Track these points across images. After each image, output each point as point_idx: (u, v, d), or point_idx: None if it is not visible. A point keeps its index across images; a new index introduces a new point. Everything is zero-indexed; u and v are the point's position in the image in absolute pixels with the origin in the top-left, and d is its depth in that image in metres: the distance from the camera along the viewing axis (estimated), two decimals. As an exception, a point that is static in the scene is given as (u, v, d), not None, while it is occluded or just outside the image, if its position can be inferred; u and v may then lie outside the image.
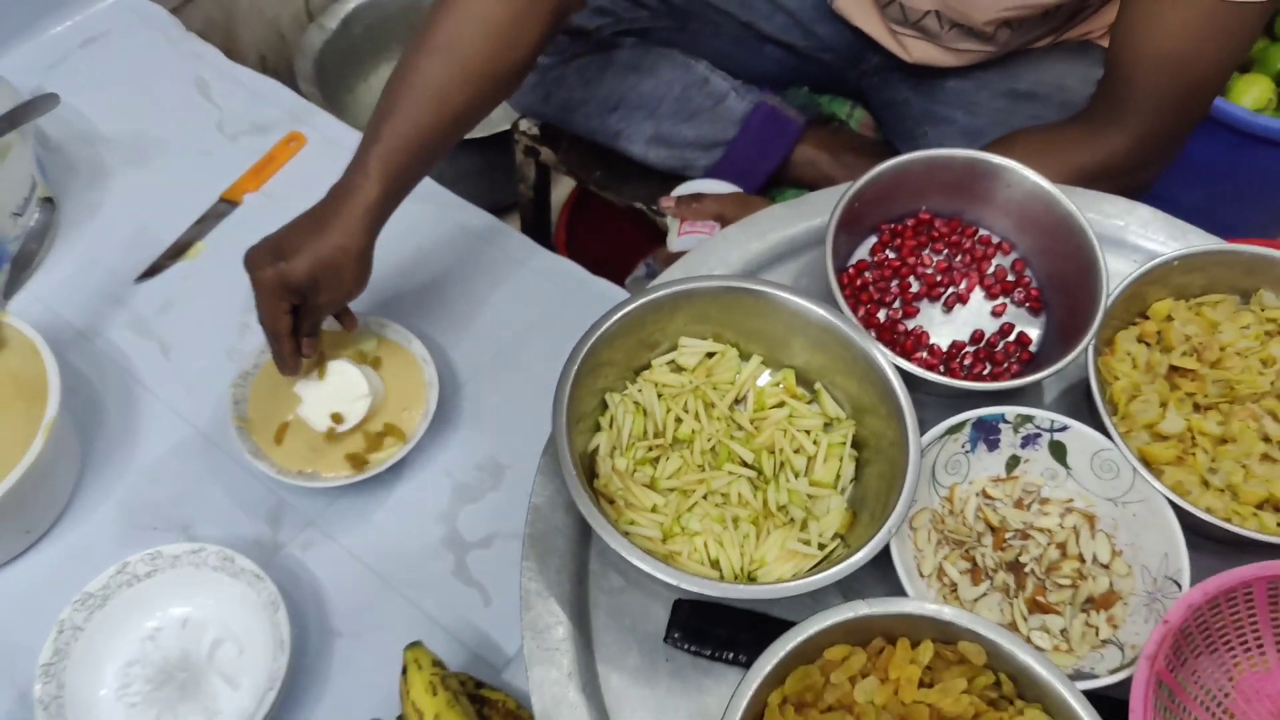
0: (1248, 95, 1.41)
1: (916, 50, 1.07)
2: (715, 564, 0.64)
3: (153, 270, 1.08)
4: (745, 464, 0.68)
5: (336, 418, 0.91)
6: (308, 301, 0.84)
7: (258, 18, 1.62)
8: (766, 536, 0.65)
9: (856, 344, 0.67)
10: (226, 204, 1.13)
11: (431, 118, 0.81)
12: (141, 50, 1.30)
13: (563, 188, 1.57)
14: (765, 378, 0.72)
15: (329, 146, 1.20)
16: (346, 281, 0.83)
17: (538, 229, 1.49)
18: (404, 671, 0.75)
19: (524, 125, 1.28)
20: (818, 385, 0.71)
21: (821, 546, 0.65)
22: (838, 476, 0.68)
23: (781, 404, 0.70)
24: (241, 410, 0.94)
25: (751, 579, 0.64)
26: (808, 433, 0.69)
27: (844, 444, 0.69)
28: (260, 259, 0.81)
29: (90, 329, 1.04)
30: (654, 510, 0.65)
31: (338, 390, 0.92)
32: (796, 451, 0.68)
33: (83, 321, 1.04)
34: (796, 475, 0.68)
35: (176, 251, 1.09)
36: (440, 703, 0.72)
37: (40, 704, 0.78)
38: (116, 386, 1.00)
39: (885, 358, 0.66)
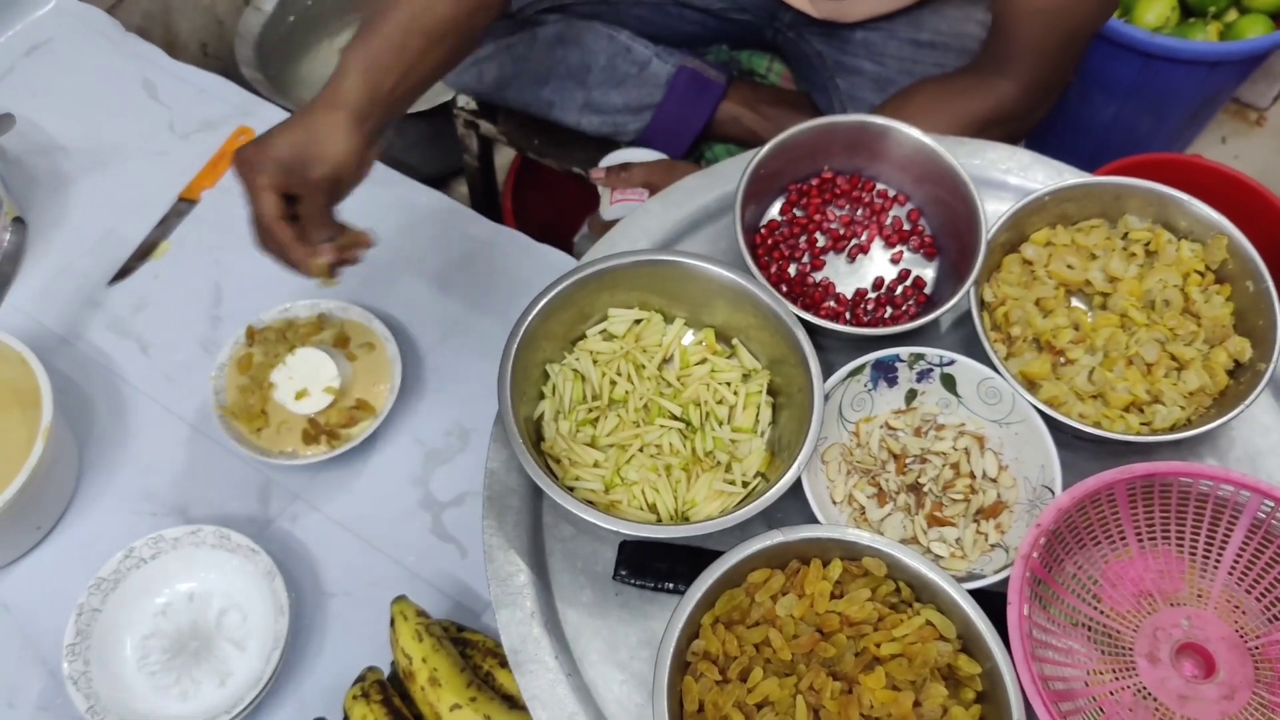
0: (1150, 12, 1.48)
1: (823, 8, 1.13)
2: (653, 508, 0.73)
3: (124, 272, 1.15)
4: (674, 417, 0.76)
5: (303, 395, 0.99)
6: (302, 183, 0.80)
7: (194, 6, 1.65)
8: (696, 480, 0.74)
9: (765, 302, 0.76)
10: (186, 203, 1.19)
11: (415, 32, 0.82)
12: (85, 55, 1.34)
13: (506, 154, 1.63)
14: (689, 338, 0.80)
15: (278, 137, 1.25)
16: (336, 149, 0.79)
17: (486, 194, 1.55)
18: (392, 623, 0.84)
19: (462, 101, 1.34)
20: (735, 341, 0.79)
21: (745, 484, 0.74)
22: (756, 421, 0.77)
23: (704, 360, 0.79)
24: (221, 399, 1.01)
25: (685, 519, 0.73)
26: (728, 384, 0.77)
27: (760, 392, 0.77)
28: (244, 146, 0.81)
29: (71, 334, 1.11)
30: (595, 465, 0.74)
31: (308, 375, 0.99)
32: (719, 402, 0.77)
33: (63, 327, 1.11)
34: (720, 424, 0.76)
35: (144, 252, 1.16)
36: (426, 648, 0.81)
37: (70, 680, 0.87)
38: (103, 386, 1.07)
39: (790, 313, 0.75)
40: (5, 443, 0.95)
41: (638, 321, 0.80)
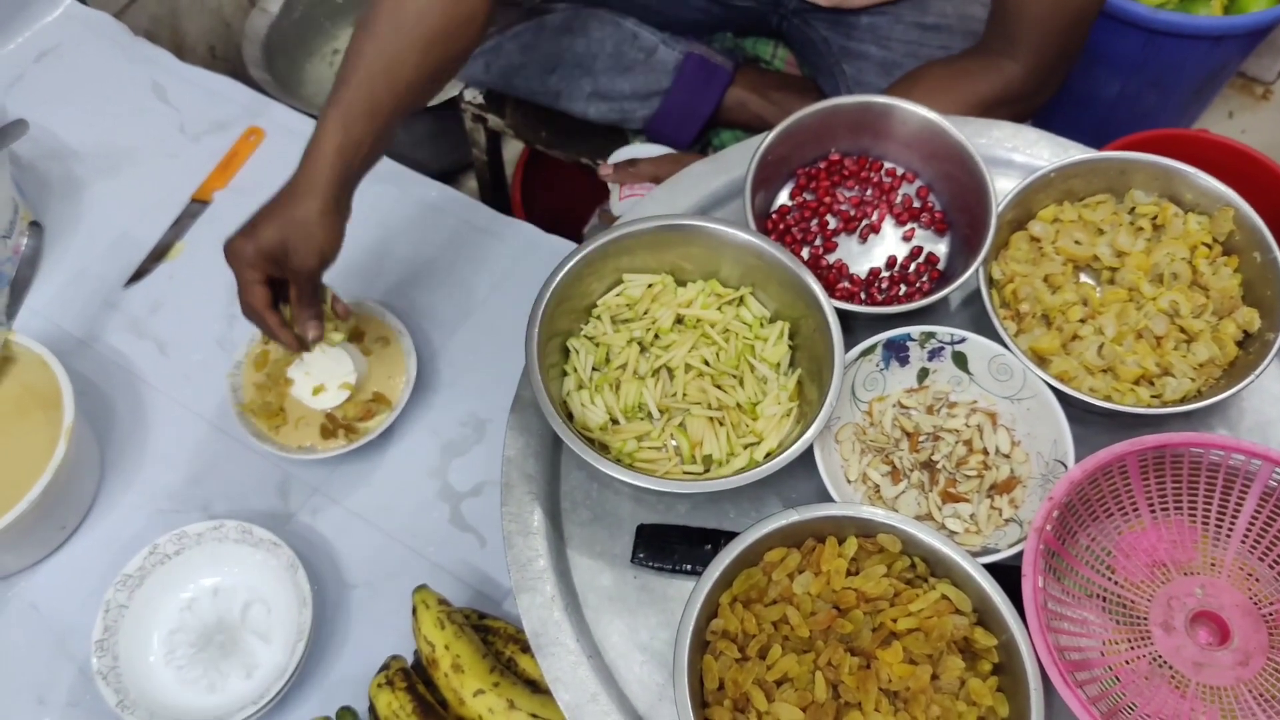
0: (1154, -12, 1.47)
1: None
2: (706, 459, 0.74)
3: (139, 274, 1.16)
4: (707, 363, 0.77)
5: (320, 391, 1.00)
6: (289, 271, 0.85)
7: (201, 9, 1.66)
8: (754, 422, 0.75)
9: (778, 259, 0.76)
10: (198, 204, 1.20)
11: (384, 89, 0.84)
12: (95, 60, 1.36)
13: (515, 147, 1.64)
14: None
15: (288, 137, 1.27)
16: (316, 241, 0.84)
17: (495, 188, 1.56)
18: (414, 612, 0.85)
19: (469, 95, 1.34)
20: (742, 290, 0.80)
21: (769, 454, 0.74)
22: (779, 365, 0.78)
23: (721, 309, 0.80)
24: (240, 396, 1.03)
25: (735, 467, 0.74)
26: (748, 325, 0.79)
27: (784, 335, 0.78)
28: (232, 238, 0.85)
29: (89, 336, 1.12)
30: (642, 418, 0.76)
31: (325, 370, 1.00)
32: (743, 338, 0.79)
33: (81, 330, 1.12)
34: (755, 357, 0.78)
35: (159, 254, 1.17)
36: (448, 635, 0.82)
37: (100, 675, 0.88)
38: (122, 386, 1.09)
39: (804, 266, 0.75)
40: (29, 444, 0.96)
41: (651, 286, 0.80)
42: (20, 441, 0.97)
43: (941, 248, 0.87)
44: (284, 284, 0.88)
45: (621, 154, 1.18)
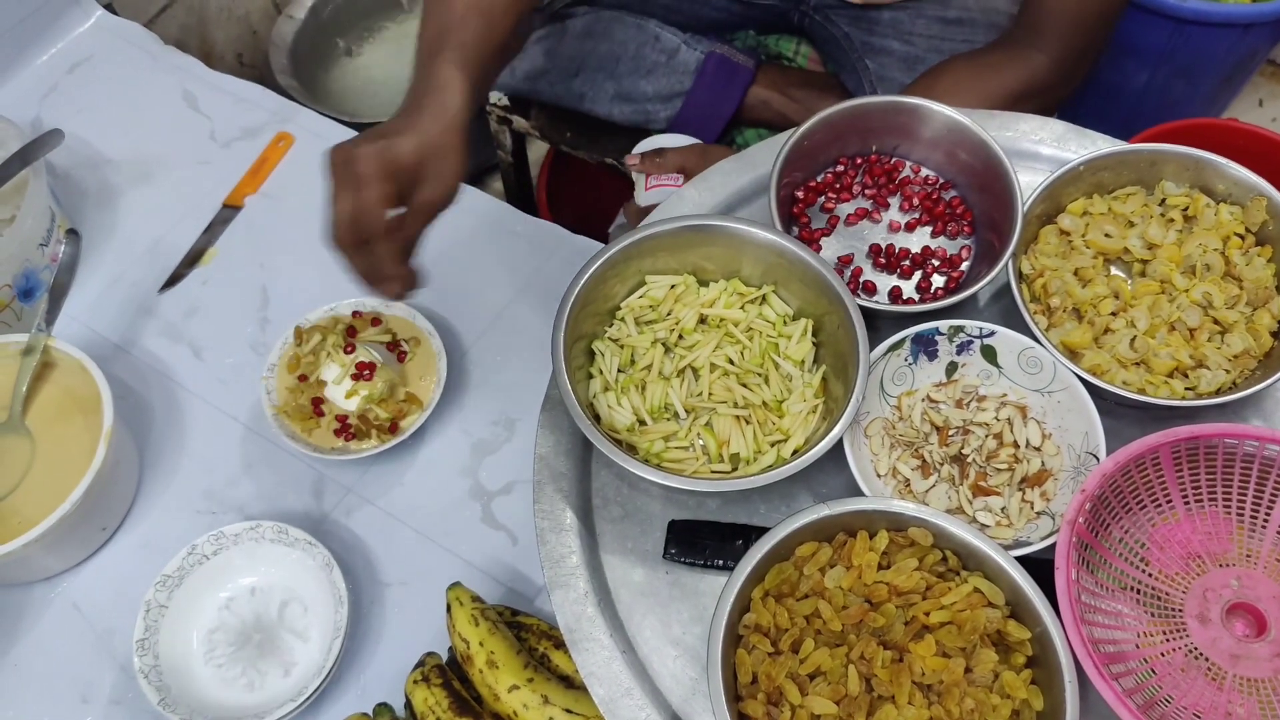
0: (1181, -23, 1.46)
1: None
2: (734, 457, 0.75)
3: (173, 279, 1.18)
4: (732, 361, 0.78)
5: (355, 393, 1.01)
6: (410, 199, 0.72)
7: (228, 17, 1.68)
8: (781, 419, 0.76)
9: (802, 258, 0.77)
10: (230, 210, 1.22)
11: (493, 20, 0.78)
12: (126, 69, 1.38)
13: (539, 148, 1.65)
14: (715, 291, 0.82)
15: (317, 141, 1.28)
16: (449, 173, 0.73)
17: (520, 189, 1.57)
18: (448, 609, 0.86)
19: (494, 98, 1.36)
20: (765, 289, 0.80)
21: (796, 451, 0.74)
22: (803, 362, 0.78)
23: (743, 307, 0.80)
24: (274, 399, 1.04)
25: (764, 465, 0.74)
26: (771, 324, 0.79)
27: (808, 333, 0.79)
28: (352, 142, 0.70)
29: (126, 341, 1.14)
30: (669, 418, 0.77)
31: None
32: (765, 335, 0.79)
33: (118, 335, 1.14)
34: (779, 355, 0.78)
35: (192, 259, 1.19)
36: (482, 631, 0.83)
37: (141, 674, 0.90)
38: (159, 390, 1.10)
39: (826, 264, 0.76)
40: (69, 448, 0.98)
41: (673, 287, 0.81)
42: (61, 445, 0.99)
43: (968, 244, 0.87)
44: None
45: (648, 144, 1.18)
